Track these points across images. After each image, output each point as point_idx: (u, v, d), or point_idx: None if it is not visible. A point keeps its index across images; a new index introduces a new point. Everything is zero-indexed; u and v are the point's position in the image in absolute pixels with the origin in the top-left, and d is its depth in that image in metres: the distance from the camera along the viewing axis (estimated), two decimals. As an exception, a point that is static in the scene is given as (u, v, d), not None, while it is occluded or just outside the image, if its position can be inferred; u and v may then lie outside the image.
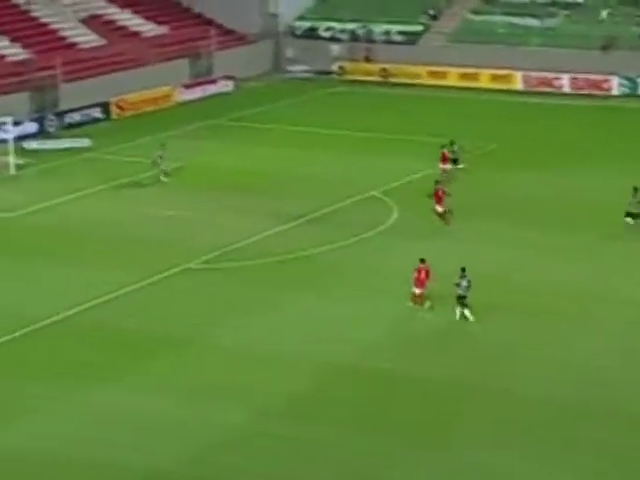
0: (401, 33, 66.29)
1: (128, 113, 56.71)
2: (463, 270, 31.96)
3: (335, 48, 65.92)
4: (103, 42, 61.30)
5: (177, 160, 48.00)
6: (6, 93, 53.19)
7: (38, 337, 31.20)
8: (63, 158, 48.66)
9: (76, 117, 54.67)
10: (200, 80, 61.89)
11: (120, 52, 60.38)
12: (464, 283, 31.65)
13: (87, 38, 61.12)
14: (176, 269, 35.85)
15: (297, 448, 25.55)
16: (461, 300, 31.70)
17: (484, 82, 62.42)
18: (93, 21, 62.58)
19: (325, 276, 35.35)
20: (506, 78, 62.31)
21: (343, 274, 35.42)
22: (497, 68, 62.15)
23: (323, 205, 41.96)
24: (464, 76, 62.87)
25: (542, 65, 61.36)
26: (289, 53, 66.92)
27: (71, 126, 53.95)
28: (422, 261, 32.71)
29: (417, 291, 32.47)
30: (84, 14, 62.74)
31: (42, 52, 56.91)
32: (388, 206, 41.98)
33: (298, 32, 68.00)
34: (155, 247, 38.02)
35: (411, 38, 66.08)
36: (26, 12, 57.11)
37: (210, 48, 63.48)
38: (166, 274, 35.48)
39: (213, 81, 61.97)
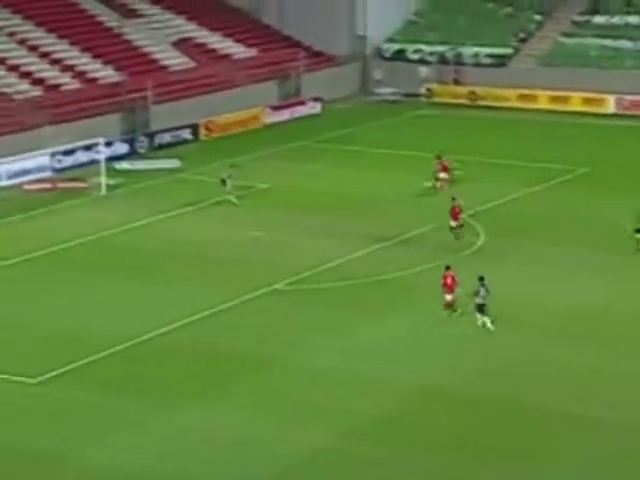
0: (490, 56, 66.54)
1: (216, 134, 57.89)
2: (481, 279, 33.13)
3: (423, 70, 66.41)
4: (193, 64, 62.72)
5: (264, 182, 48.96)
6: (99, 115, 54.73)
7: (130, 355, 32.16)
8: (153, 179, 49.90)
9: (166, 138, 56.00)
10: (288, 102, 62.90)
11: (210, 74, 61.71)
12: (482, 292, 32.78)
13: (178, 61, 62.59)
14: (262, 290, 36.62)
15: (381, 471, 25.95)
16: (481, 308, 32.67)
17: (575, 105, 62.32)
18: (184, 44, 64.05)
19: (410, 299, 35.78)
20: (598, 101, 62.15)
21: (427, 297, 35.78)
22: (589, 91, 62.02)
23: (409, 228, 42.41)
24: (555, 99, 62.85)
25: (635, 88, 61.09)
26: (377, 75, 67.57)
27: (161, 147, 55.29)
28: (447, 268, 34.00)
29: (448, 298, 33.59)
30: (175, 37, 64.25)
31: (134, 74, 58.44)
32: (475, 230, 42.27)
33: (386, 54, 68.63)
34: (242, 268, 38.86)
35: (500, 61, 66.27)
36: (119, 35, 58.69)
37: (298, 70, 64.49)
38: (253, 295, 36.25)
39: (301, 103, 62.92)
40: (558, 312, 34.67)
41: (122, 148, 53.87)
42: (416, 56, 67.82)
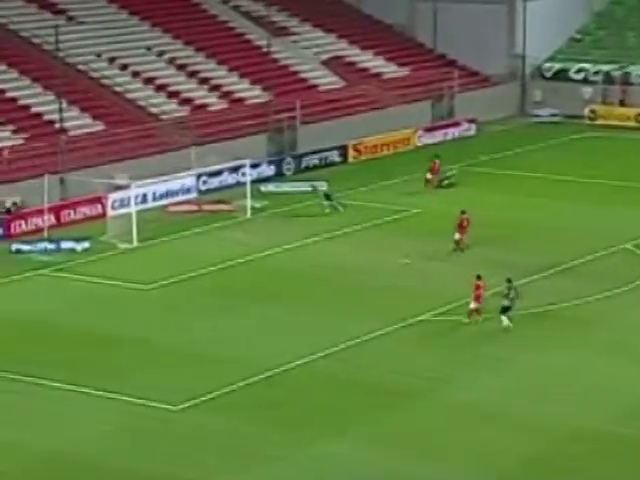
0: (661, 75, 65.21)
1: (365, 156, 58.13)
2: (509, 281, 34.86)
3: (587, 91, 65.44)
4: (343, 84, 63.24)
5: (416, 206, 48.92)
6: (245, 135, 55.67)
7: (272, 383, 32.51)
8: (299, 201, 50.40)
9: (313, 160, 56.56)
10: (442, 123, 62.79)
11: (360, 94, 62.11)
12: (512, 294, 34.17)
13: (327, 80, 63.22)
14: (410, 320, 36.56)
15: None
16: (506, 310, 34.53)
17: None
18: (334, 62, 64.65)
19: (571, 333, 35.23)
20: None
21: (590, 331, 35.16)
22: None
23: (571, 257, 41.81)
24: None
25: None
26: (536, 96, 66.91)
27: (308, 169, 55.86)
28: (479, 278, 35.58)
29: (473, 306, 35.42)
30: (325, 56, 64.93)
31: (282, 94, 59.25)
32: (640, 260, 41.41)
33: (547, 73, 67.89)
34: (389, 296, 38.89)
35: (671, 80, 64.86)
36: (267, 54, 59.63)
37: (452, 90, 64.36)
38: (400, 325, 36.23)
39: (455, 124, 62.73)
40: None
41: (269, 170, 54.64)
42: (579, 76, 66.90)
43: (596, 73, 66.51)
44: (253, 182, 50.48)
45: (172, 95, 57.87)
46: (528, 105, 66.99)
